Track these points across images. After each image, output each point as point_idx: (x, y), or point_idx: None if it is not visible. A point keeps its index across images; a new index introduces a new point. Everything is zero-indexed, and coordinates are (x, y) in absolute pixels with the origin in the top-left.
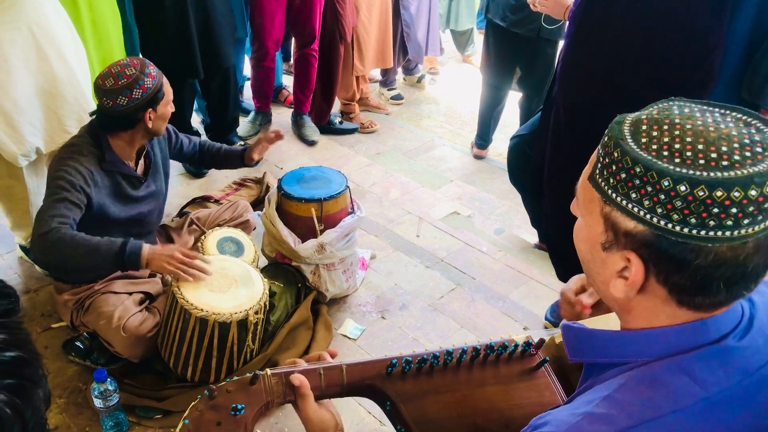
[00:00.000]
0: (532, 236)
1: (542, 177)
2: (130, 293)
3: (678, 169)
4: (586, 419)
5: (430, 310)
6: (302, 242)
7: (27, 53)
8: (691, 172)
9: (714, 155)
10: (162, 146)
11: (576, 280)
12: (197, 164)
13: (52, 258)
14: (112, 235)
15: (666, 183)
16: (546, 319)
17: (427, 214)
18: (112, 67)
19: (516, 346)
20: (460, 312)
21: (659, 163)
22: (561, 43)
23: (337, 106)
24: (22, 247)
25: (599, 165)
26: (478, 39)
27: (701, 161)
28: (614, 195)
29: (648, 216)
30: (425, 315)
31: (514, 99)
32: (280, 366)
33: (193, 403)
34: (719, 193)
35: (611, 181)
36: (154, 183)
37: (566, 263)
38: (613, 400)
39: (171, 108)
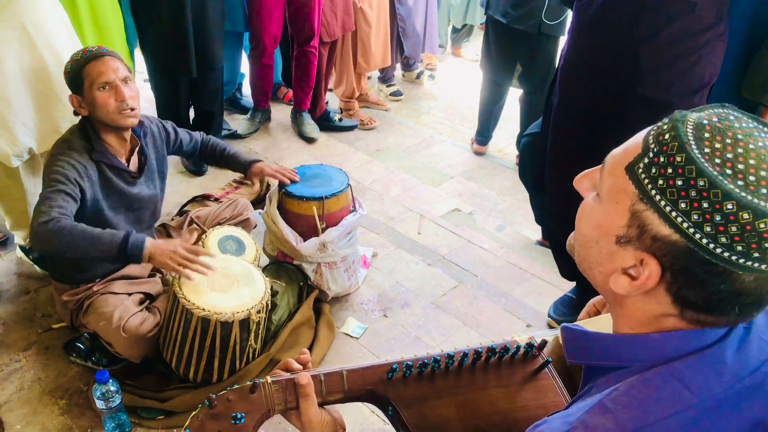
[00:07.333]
0: (534, 233)
1: (544, 172)
2: (130, 293)
3: (743, 194)
4: (576, 428)
5: (433, 308)
6: (304, 241)
7: (21, 53)
8: (756, 201)
9: None
10: (158, 144)
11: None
12: (197, 160)
13: (52, 247)
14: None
15: (730, 206)
16: (549, 316)
17: (428, 211)
18: None
19: (518, 347)
20: (462, 309)
21: (725, 182)
22: (562, 39)
23: (336, 103)
24: (22, 248)
25: (647, 160)
26: (475, 34)
27: (763, 189)
28: (658, 197)
29: (691, 230)
30: (428, 313)
31: (514, 95)
32: (280, 373)
33: (193, 413)
34: None
35: (660, 182)
36: (148, 181)
37: (569, 260)
38: (604, 408)
39: (113, 96)
